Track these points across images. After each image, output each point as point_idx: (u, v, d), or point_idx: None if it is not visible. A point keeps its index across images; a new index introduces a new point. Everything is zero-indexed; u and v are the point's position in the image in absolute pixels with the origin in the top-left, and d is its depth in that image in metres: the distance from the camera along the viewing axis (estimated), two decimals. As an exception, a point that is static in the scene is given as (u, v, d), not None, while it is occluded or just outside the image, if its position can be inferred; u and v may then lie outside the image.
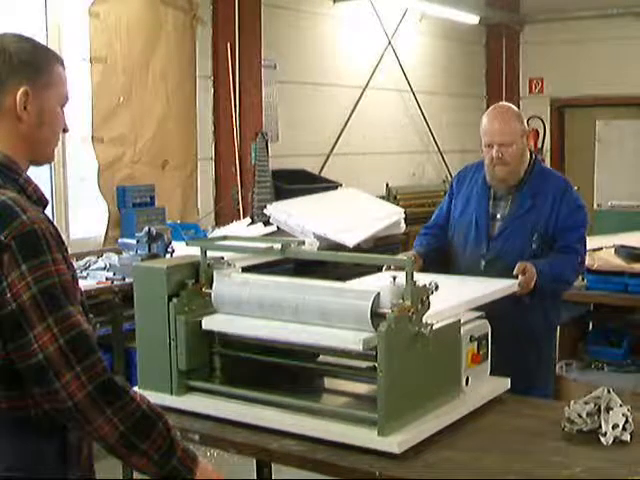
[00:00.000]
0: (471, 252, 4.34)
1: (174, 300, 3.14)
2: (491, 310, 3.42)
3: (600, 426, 2.81)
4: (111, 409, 2.15)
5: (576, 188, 4.71)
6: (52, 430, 2.25)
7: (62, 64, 2.45)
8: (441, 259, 4.47)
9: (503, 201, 4.35)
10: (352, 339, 2.70)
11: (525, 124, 4.39)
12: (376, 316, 2.77)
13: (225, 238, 3.59)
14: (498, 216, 4.34)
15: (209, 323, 3.12)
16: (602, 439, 2.77)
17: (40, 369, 2.12)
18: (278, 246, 3.19)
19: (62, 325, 2.14)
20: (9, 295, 2.12)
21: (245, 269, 3.41)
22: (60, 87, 2.44)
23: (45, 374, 2.12)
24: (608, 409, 2.83)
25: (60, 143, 7.14)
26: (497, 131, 4.24)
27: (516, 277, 3.95)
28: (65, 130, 2.50)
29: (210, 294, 3.20)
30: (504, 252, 4.25)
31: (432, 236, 4.58)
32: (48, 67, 2.39)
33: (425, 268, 4.24)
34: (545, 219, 4.24)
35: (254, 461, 3.89)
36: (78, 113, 7.21)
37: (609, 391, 2.87)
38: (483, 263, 4.27)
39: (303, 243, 3.31)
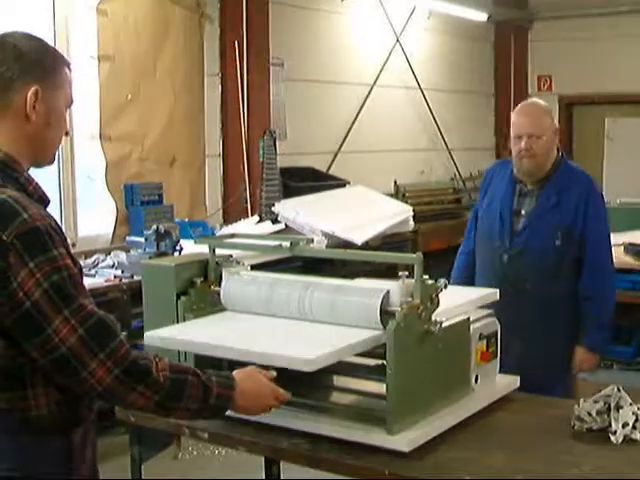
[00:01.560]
0: (495, 246, 4.38)
1: (183, 298, 3.14)
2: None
3: (610, 424, 2.80)
4: (142, 386, 2.24)
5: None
6: (54, 430, 2.27)
7: (69, 66, 2.45)
8: None
9: (528, 197, 4.38)
10: (300, 361, 2.60)
11: (555, 121, 4.44)
12: (385, 314, 2.77)
13: (233, 236, 3.58)
14: (523, 212, 4.37)
15: (151, 338, 2.97)
16: (612, 437, 2.76)
17: (65, 362, 2.16)
18: (287, 244, 3.18)
19: (79, 316, 2.18)
20: (22, 294, 2.13)
21: (253, 267, 3.41)
22: (67, 89, 2.44)
23: (71, 365, 2.17)
24: (618, 407, 2.81)
25: (68, 141, 7.18)
26: (527, 123, 4.30)
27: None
28: (67, 133, 2.50)
29: (219, 292, 3.20)
30: (527, 247, 4.30)
31: (465, 270, 4.64)
32: (58, 68, 2.39)
33: None
34: (570, 217, 4.27)
35: (263, 459, 3.89)
36: (86, 111, 7.22)
37: (619, 389, 2.86)
38: (506, 257, 4.33)
39: (312, 241, 3.31)
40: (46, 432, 2.25)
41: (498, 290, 3.50)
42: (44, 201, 2.39)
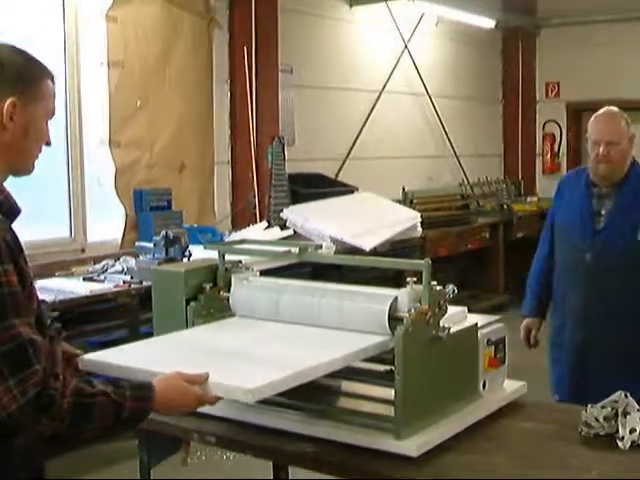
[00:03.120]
0: (576, 247, 4.51)
1: (192, 303, 3.16)
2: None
3: (617, 430, 2.81)
4: (46, 418, 2.21)
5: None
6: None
7: (52, 79, 2.49)
8: None
9: (606, 199, 4.50)
10: (241, 393, 2.47)
11: (631, 128, 4.53)
12: (393, 320, 2.79)
13: (243, 242, 3.60)
14: (602, 212, 4.49)
15: (87, 361, 2.80)
16: (619, 443, 2.77)
17: None
18: (295, 250, 3.20)
19: (1, 335, 2.18)
20: None
21: (262, 273, 3.43)
22: (48, 101, 2.47)
23: None
24: (625, 413, 2.82)
25: (78, 147, 7.22)
26: (605, 130, 4.43)
27: None
28: (48, 144, 2.53)
29: (228, 297, 3.22)
30: (609, 246, 4.42)
31: (543, 276, 4.79)
32: (38, 81, 2.43)
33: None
34: None
35: (271, 464, 3.90)
36: (96, 117, 7.26)
37: (626, 396, 2.87)
38: (588, 257, 4.43)
39: (320, 247, 3.32)
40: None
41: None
42: (14, 211, 2.41)
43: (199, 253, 6.06)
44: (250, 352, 2.86)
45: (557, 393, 4.55)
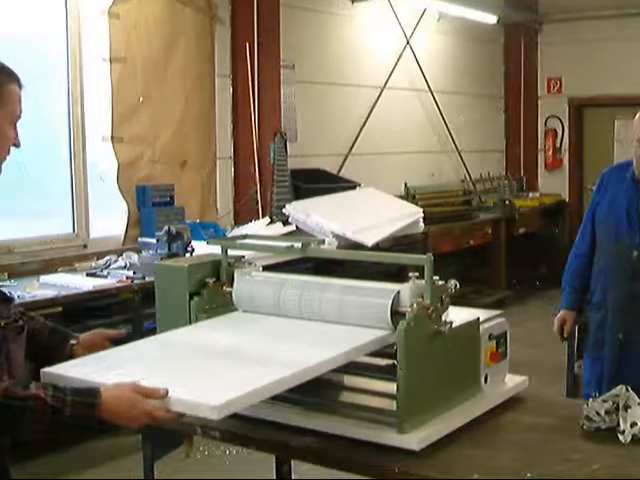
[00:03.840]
0: (623, 243, 4.47)
1: (195, 298, 3.17)
2: None
3: (618, 424, 2.82)
4: None
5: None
6: None
7: (17, 82, 2.56)
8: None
9: None
10: (206, 409, 2.35)
11: None
12: (396, 314, 2.80)
13: (246, 237, 3.61)
14: None
15: (48, 374, 2.68)
16: (620, 437, 2.78)
17: None
18: (298, 245, 3.21)
19: None
20: None
21: (265, 268, 3.44)
22: (11, 105, 2.54)
23: None
24: (626, 407, 2.84)
25: (80, 143, 7.25)
26: None
27: None
28: (16, 145, 2.60)
29: (231, 292, 3.23)
30: None
31: (582, 272, 4.77)
32: (2, 86, 2.50)
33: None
34: None
35: (273, 459, 3.92)
36: (98, 113, 7.28)
37: (627, 389, 2.88)
38: (636, 253, 4.40)
39: (323, 242, 3.34)
40: None
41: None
42: None
43: (201, 249, 6.09)
44: (246, 350, 2.85)
45: (597, 390, 4.37)
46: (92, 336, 3.04)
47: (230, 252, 3.34)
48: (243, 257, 3.38)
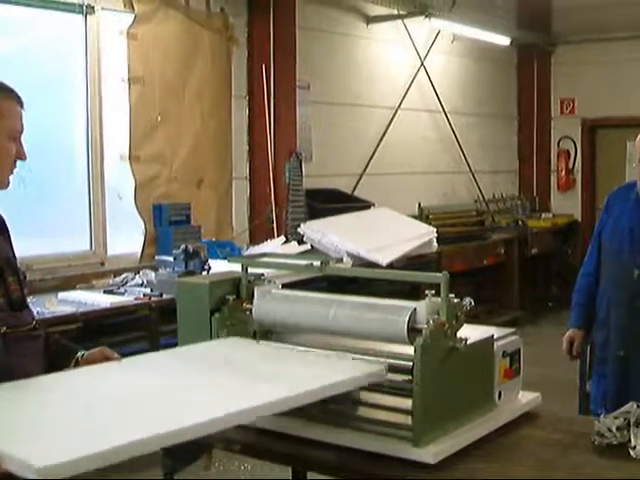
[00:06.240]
0: (625, 262, 4.50)
1: (216, 314, 3.23)
2: None
3: (629, 440, 2.87)
4: None
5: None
6: None
7: (16, 99, 2.65)
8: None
9: None
10: (26, 468, 1.98)
11: None
12: (412, 331, 2.85)
13: (265, 255, 3.68)
14: None
15: None
16: (631, 452, 2.82)
17: None
18: (318, 263, 3.27)
19: None
20: None
21: (283, 286, 3.50)
22: (9, 120, 2.62)
23: None
24: (637, 423, 2.88)
25: (98, 161, 7.31)
26: None
27: None
28: (21, 158, 2.67)
29: (250, 309, 3.30)
30: None
31: (589, 291, 4.80)
32: None
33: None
34: None
35: (289, 474, 3.96)
36: (116, 132, 7.36)
37: (638, 406, 2.93)
38: (637, 272, 4.43)
39: (341, 261, 3.40)
40: None
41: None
42: None
43: (218, 267, 6.16)
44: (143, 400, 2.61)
45: (602, 407, 4.40)
46: (96, 353, 2.98)
47: (248, 270, 3.41)
48: (263, 275, 3.44)
